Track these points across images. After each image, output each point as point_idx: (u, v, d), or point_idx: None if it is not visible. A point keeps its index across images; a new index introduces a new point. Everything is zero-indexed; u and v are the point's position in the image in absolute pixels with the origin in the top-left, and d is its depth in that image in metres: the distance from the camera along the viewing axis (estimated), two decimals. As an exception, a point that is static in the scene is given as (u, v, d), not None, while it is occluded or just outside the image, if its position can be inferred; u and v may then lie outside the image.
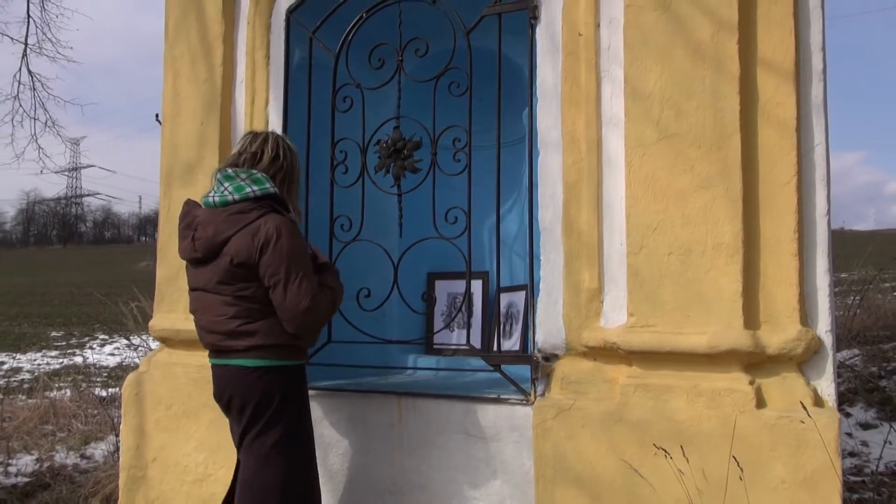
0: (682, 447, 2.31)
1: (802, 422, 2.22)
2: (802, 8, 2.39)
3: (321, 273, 2.63)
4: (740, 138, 2.38)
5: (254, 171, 2.50)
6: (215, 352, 2.55)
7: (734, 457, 2.25)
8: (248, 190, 2.45)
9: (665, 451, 2.32)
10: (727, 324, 2.36)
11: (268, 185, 2.48)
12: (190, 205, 2.61)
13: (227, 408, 2.57)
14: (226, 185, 2.48)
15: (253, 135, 2.61)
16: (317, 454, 2.67)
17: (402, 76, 2.96)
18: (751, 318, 2.37)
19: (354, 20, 2.98)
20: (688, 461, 2.30)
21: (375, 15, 2.98)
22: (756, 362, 2.38)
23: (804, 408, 2.20)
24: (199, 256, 2.50)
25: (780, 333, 2.34)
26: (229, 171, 2.51)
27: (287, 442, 2.49)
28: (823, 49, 2.36)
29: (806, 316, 2.35)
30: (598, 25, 2.62)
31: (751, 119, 2.40)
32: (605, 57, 2.61)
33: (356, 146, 3.02)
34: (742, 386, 2.35)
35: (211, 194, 2.52)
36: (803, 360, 2.35)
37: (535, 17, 2.75)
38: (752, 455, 2.28)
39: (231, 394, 2.51)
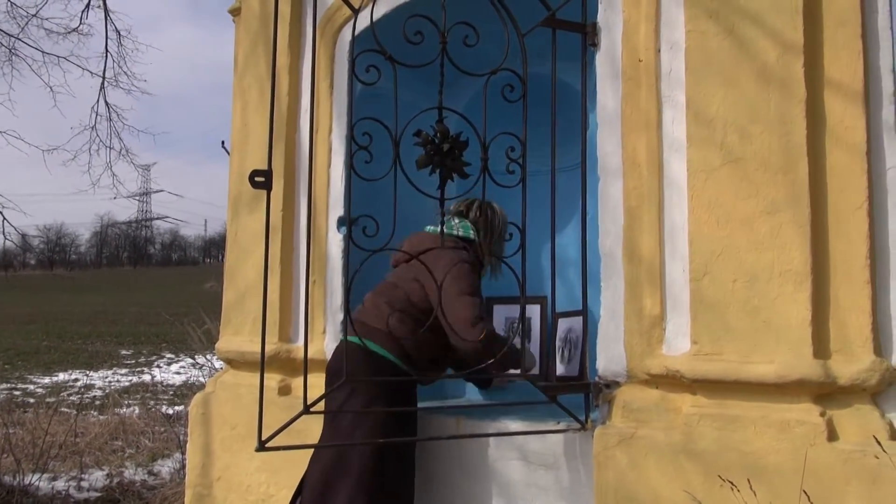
0: (749, 480, 2.25)
1: (877, 457, 2.13)
2: (870, 30, 2.33)
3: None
4: (808, 162, 2.32)
5: (466, 221, 3.21)
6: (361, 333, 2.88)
7: (805, 491, 2.18)
8: (455, 231, 3.16)
9: (732, 484, 2.25)
10: (796, 353, 2.29)
11: (471, 233, 3.17)
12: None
13: None
14: (442, 225, 2.84)
15: (468, 200, 3.24)
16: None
17: (445, 60, 2.46)
18: (821, 347, 2.30)
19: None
20: (755, 494, 2.23)
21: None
22: (827, 393, 2.30)
23: (878, 442, 2.12)
24: (399, 259, 3.12)
25: (853, 363, 2.26)
26: (452, 219, 3.20)
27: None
28: (893, 71, 2.30)
29: (880, 345, 2.27)
30: (658, 51, 2.62)
31: (818, 142, 2.34)
32: (665, 82, 2.60)
33: (383, 129, 2.42)
34: (813, 417, 2.27)
35: (431, 228, 3.21)
36: (877, 391, 2.26)
37: (595, 44, 2.76)
38: (825, 489, 2.19)
39: None
